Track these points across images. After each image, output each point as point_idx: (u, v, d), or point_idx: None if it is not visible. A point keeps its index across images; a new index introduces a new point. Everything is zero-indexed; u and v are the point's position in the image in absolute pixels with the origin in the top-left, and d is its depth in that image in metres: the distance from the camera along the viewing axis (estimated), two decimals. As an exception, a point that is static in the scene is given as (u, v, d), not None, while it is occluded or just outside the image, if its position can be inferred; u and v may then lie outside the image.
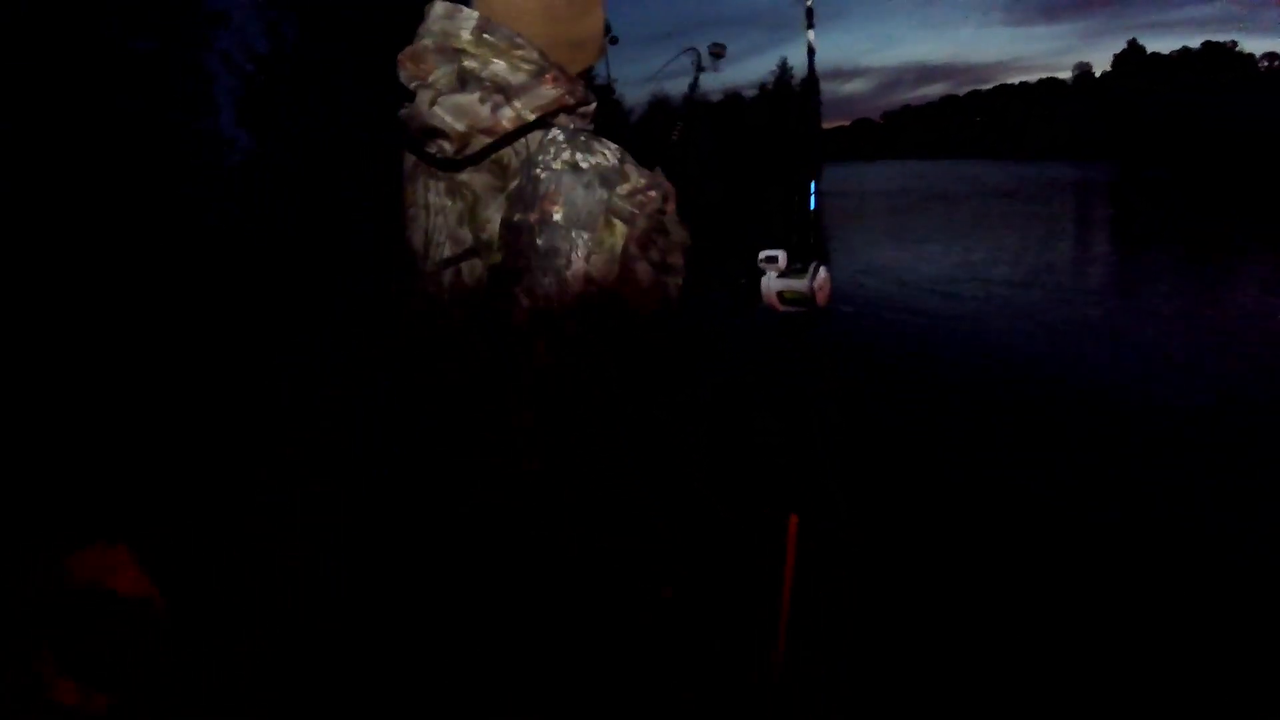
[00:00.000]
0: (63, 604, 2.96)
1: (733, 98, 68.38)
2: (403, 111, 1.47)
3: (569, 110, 1.51)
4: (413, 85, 1.47)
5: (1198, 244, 18.65)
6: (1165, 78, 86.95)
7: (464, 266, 1.58)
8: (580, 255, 1.49)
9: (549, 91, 1.45)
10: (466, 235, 1.56)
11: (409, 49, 1.49)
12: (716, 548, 3.70)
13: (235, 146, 17.83)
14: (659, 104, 51.04)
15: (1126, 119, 75.10)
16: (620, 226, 1.49)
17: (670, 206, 1.56)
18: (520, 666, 1.96)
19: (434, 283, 1.64)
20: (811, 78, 2.17)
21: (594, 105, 1.58)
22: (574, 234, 1.47)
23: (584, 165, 1.45)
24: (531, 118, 1.43)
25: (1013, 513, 4.81)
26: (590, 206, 1.47)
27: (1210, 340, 8.88)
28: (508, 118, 1.41)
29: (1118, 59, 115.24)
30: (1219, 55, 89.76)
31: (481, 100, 1.40)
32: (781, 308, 2.04)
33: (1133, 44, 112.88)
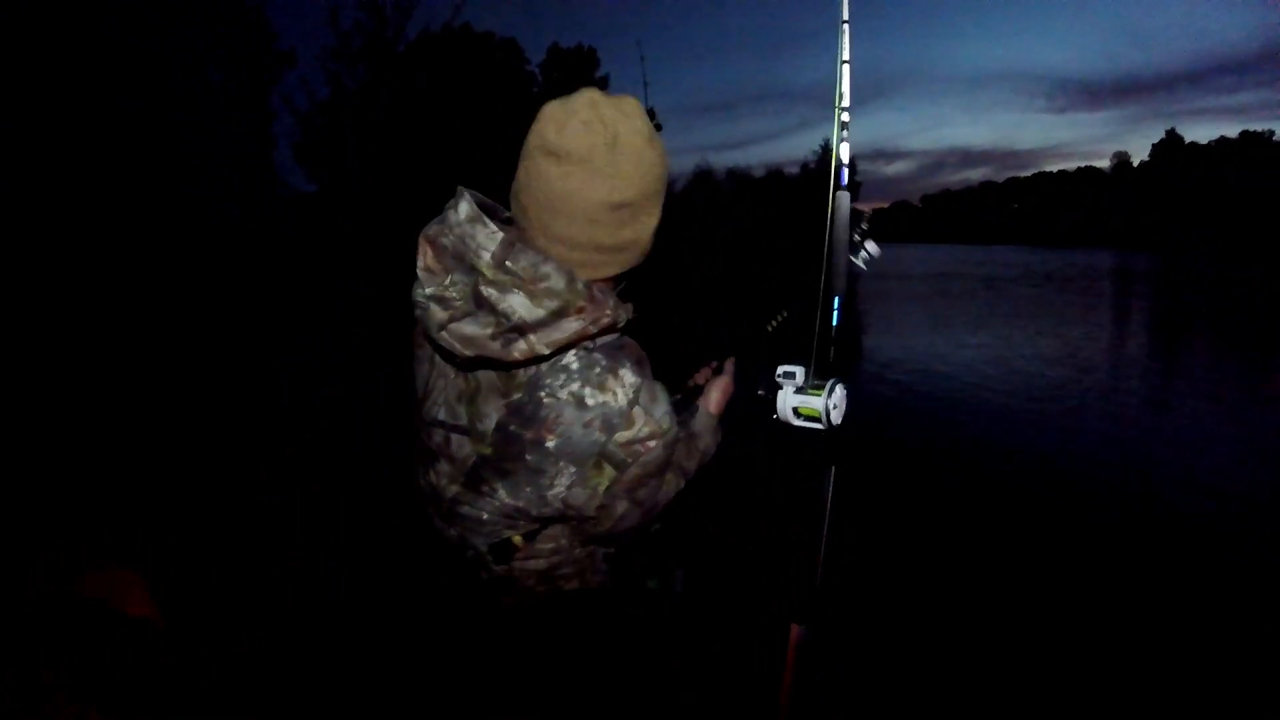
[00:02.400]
0: (70, 621, 2.94)
1: (775, 175, 69.07)
2: (416, 311, 1.43)
3: (590, 338, 1.45)
4: (425, 283, 1.41)
5: (1232, 337, 18.49)
6: (1203, 167, 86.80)
7: (453, 437, 1.58)
8: (563, 484, 1.49)
9: (570, 326, 1.37)
10: (463, 415, 1.56)
11: (429, 233, 1.43)
12: (718, 654, 3.60)
13: (288, 184, 18.37)
14: (703, 175, 51.78)
15: (1166, 209, 75.09)
16: (610, 470, 1.49)
17: (668, 454, 1.55)
18: (519, 666, 1.92)
19: (424, 429, 1.66)
20: (835, 203, 2.09)
21: (624, 320, 1.50)
22: (563, 464, 1.47)
23: (589, 403, 1.42)
24: (545, 352, 1.37)
25: (1022, 624, 4.70)
26: (585, 447, 1.45)
27: (1242, 450, 8.70)
28: (520, 351, 1.36)
29: (1156, 148, 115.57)
30: (1256, 144, 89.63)
31: (493, 336, 1.35)
32: (796, 423, 2.00)
33: (1170, 133, 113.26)
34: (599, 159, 1.35)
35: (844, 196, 2.00)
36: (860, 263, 2.09)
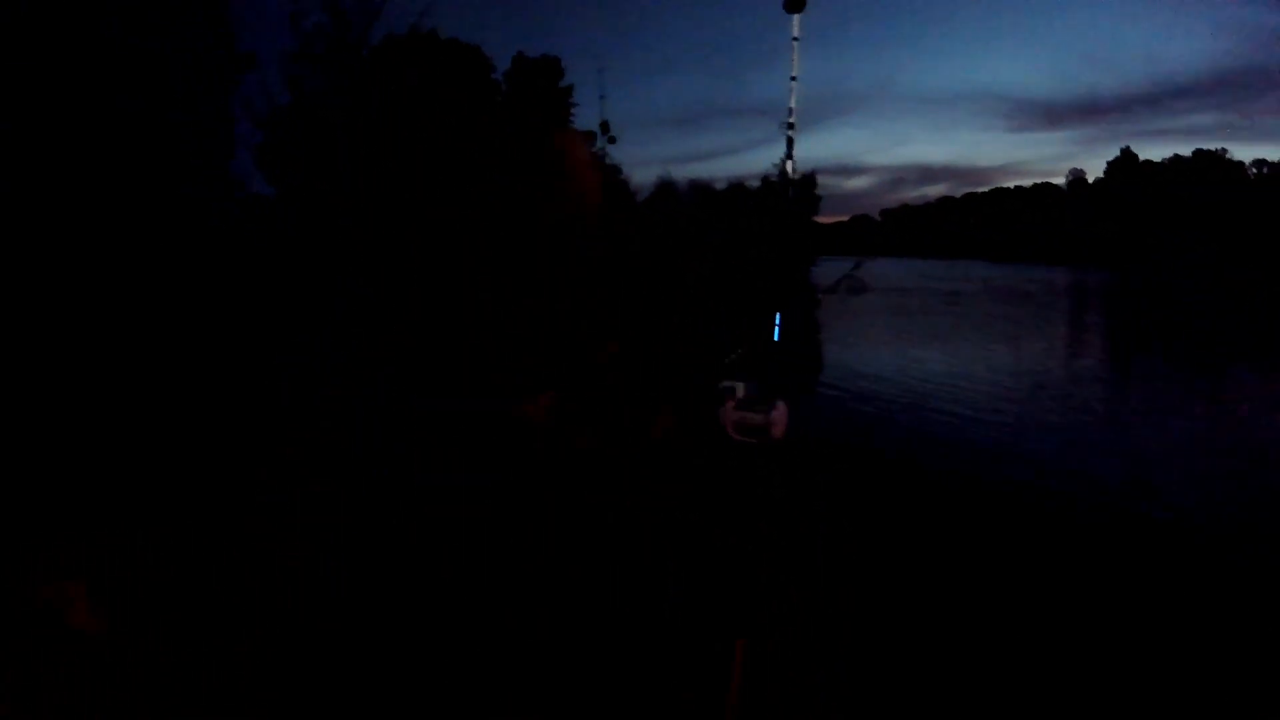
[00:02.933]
0: (13, 631, 2.96)
1: (736, 188, 69.39)
2: None
3: None
4: None
5: (1186, 352, 18.89)
6: (1157, 184, 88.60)
7: None
8: None
9: None
10: None
11: None
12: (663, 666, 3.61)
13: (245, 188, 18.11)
14: (665, 187, 51.86)
15: (1120, 224, 76.54)
16: None
17: None
18: (519, 666, 1.92)
19: None
20: (786, 223, 2.13)
21: None
22: None
23: None
24: None
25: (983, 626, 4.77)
26: None
27: (1194, 456, 8.94)
28: None
29: (1111, 165, 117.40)
30: (1209, 162, 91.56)
31: None
32: (736, 438, 2.02)
33: (1126, 151, 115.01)
34: None
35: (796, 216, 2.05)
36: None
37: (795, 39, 2.19)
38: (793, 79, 2.20)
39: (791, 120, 2.16)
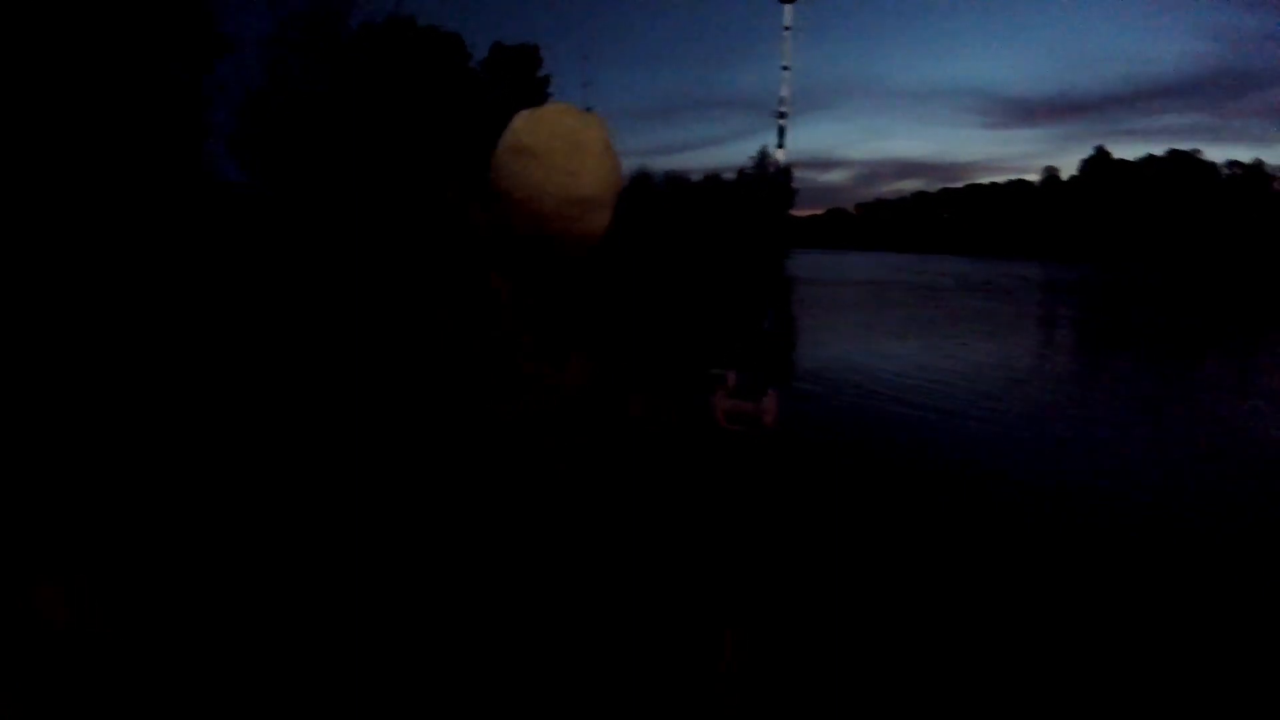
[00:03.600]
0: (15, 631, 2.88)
1: (712, 179, 69.51)
2: None
3: None
4: None
5: (1156, 347, 19.15)
6: (1131, 182, 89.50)
7: None
8: None
9: None
10: None
11: None
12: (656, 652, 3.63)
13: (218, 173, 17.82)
14: (641, 179, 51.87)
15: (1093, 221, 77.18)
16: None
17: None
18: (520, 666, 1.91)
19: None
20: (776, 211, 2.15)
21: None
22: None
23: None
24: None
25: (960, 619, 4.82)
26: None
27: (1162, 449, 9.09)
28: None
29: (1085, 164, 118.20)
30: (1183, 163, 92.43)
31: None
32: (727, 426, 2.03)
33: (1100, 150, 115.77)
34: (560, 157, 1.49)
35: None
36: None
37: (787, 28, 2.19)
38: (784, 68, 2.20)
39: (783, 110, 2.17)
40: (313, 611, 3.94)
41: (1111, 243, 70.12)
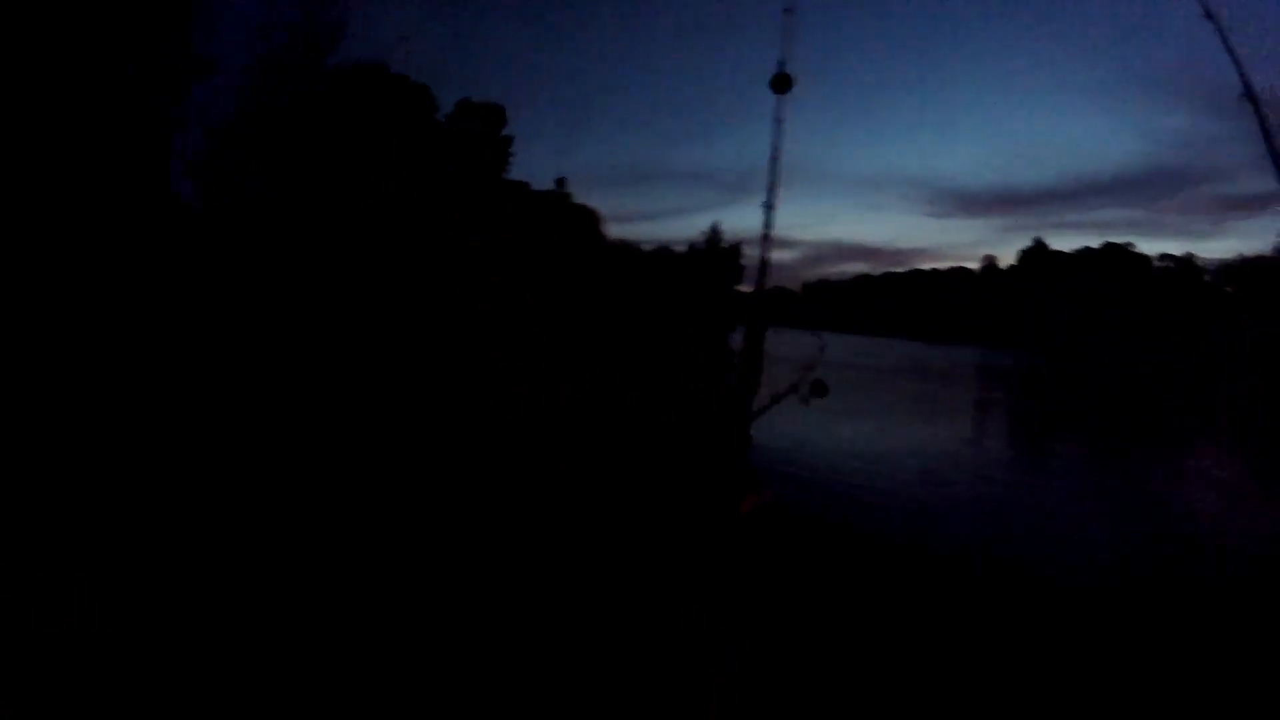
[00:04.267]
0: (16, 632, 2.92)
1: (663, 250, 70.07)
2: None
3: None
4: None
5: (1093, 434, 19.67)
6: (1065, 274, 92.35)
7: None
8: None
9: None
10: None
11: None
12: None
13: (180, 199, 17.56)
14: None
15: (1029, 310, 79.35)
16: None
17: None
18: (519, 665, 1.96)
19: None
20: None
21: None
22: None
23: None
24: None
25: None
26: None
27: (1091, 518, 9.52)
28: None
29: (1024, 254, 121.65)
30: (1117, 255, 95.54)
31: None
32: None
33: (1038, 241, 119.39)
34: None
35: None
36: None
37: (779, 120, 2.30)
38: (773, 160, 2.31)
39: (770, 202, 2.29)
40: (312, 611, 3.97)
41: (1047, 330, 72.03)
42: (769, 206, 2.26)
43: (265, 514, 5.17)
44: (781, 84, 2.32)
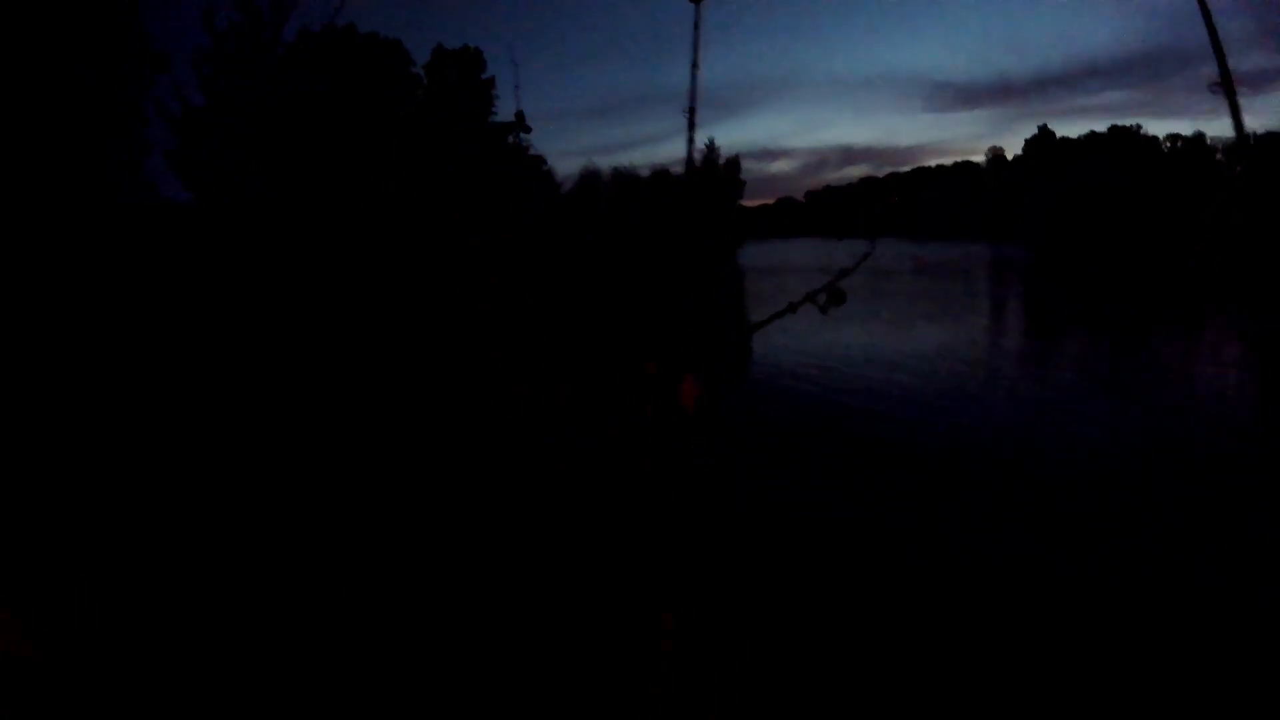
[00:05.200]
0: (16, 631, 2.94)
1: (660, 174, 69.10)
2: None
3: None
4: None
5: (1099, 323, 19.56)
6: (1073, 160, 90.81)
7: None
8: None
9: None
10: None
11: None
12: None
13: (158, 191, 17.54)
14: (589, 176, 51.52)
15: (1038, 201, 78.23)
16: None
17: None
18: (519, 665, 2.03)
19: None
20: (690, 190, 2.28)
21: None
22: None
23: None
24: None
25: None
26: None
27: (1104, 408, 9.73)
28: None
29: (1029, 143, 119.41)
30: (1125, 138, 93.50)
31: None
32: (650, 414, 2.17)
33: (1043, 129, 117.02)
34: None
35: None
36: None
37: (696, 27, 2.27)
38: (694, 67, 2.29)
39: (692, 106, 2.29)
40: (311, 610, 3.97)
41: (1056, 220, 71.10)
42: (691, 112, 2.26)
43: (265, 513, 5.19)
44: (696, -9, 2.33)
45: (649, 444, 2.57)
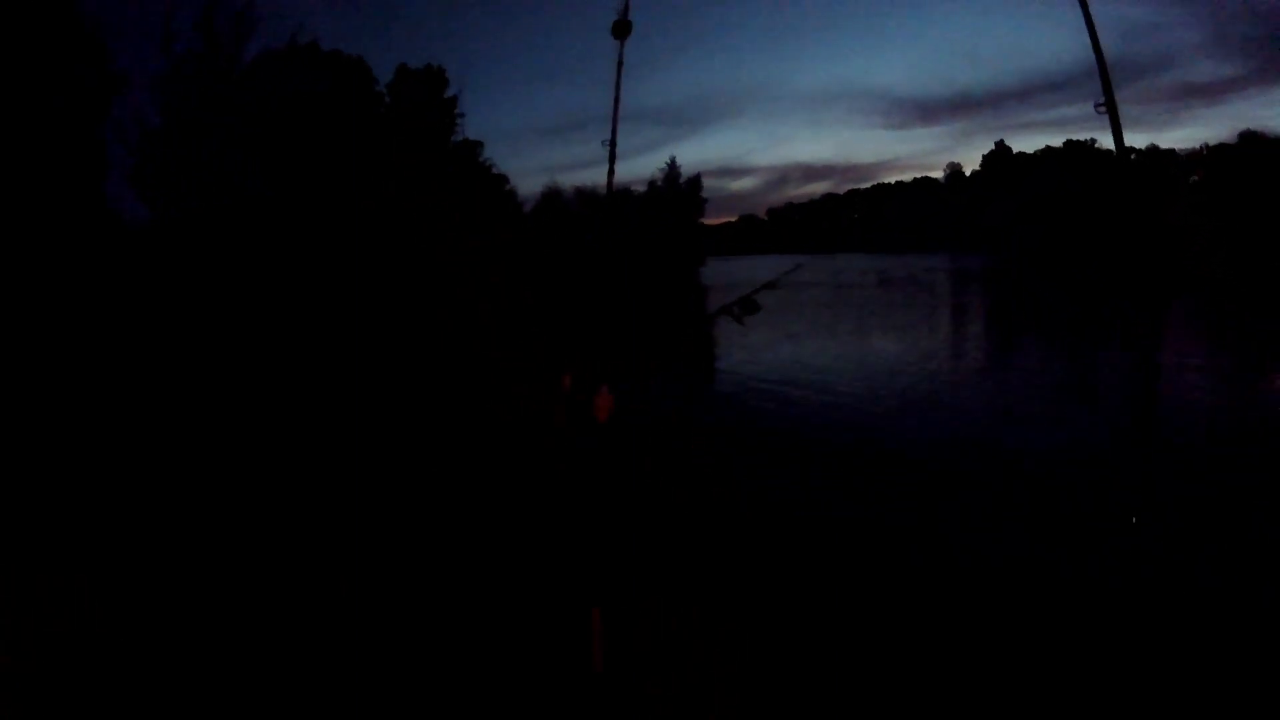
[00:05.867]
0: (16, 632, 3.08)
1: (622, 193, 69.18)
2: None
3: None
4: None
5: (1061, 327, 20.02)
6: (1028, 174, 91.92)
7: None
8: None
9: None
10: None
11: None
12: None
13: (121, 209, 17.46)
14: (551, 195, 51.53)
15: (995, 213, 79.28)
16: None
17: None
18: (519, 665, 2.20)
19: None
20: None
21: None
22: None
23: None
24: None
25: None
26: None
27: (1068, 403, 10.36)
28: None
29: (986, 158, 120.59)
30: (1080, 151, 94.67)
31: None
32: (563, 424, 2.42)
33: (1000, 144, 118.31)
34: None
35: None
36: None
37: (619, 63, 2.48)
38: (615, 99, 2.50)
39: (614, 139, 2.52)
40: (311, 609, 4.04)
41: (1013, 231, 72.14)
42: (611, 144, 2.53)
43: (266, 514, 5.32)
44: (621, 30, 2.53)
45: (560, 449, 2.77)
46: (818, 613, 4.51)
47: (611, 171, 2.46)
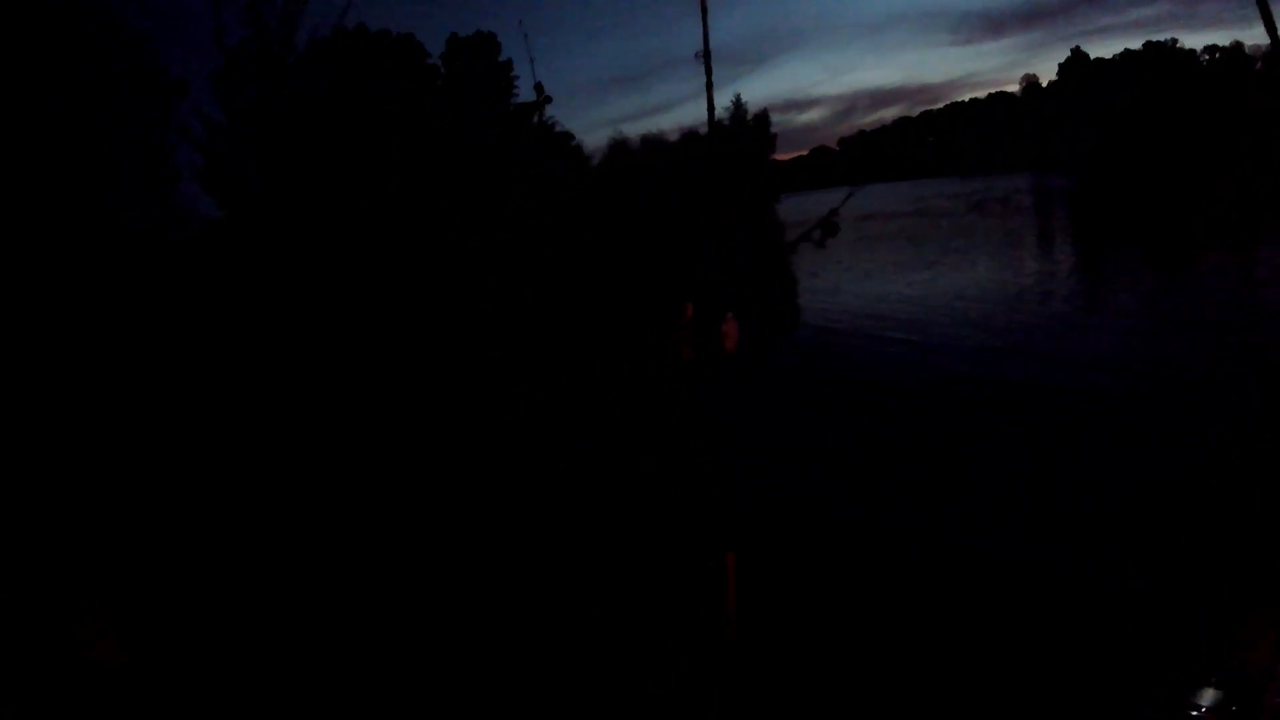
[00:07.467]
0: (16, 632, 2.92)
1: (689, 137, 68.62)
2: None
3: None
4: None
5: (1150, 248, 19.05)
6: (1110, 82, 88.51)
7: None
8: None
9: None
10: None
11: None
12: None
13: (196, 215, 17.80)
14: (618, 146, 51.30)
15: (1075, 126, 76.80)
16: None
17: None
18: (519, 666, 2.02)
19: None
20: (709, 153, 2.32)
21: None
22: None
23: None
24: None
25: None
26: None
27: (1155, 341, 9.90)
28: None
29: (1063, 67, 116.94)
30: (1161, 54, 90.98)
31: None
32: (688, 354, 2.18)
33: (1076, 51, 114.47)
34: None
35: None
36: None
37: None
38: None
39: (705, 46, 2.26)
40: (311, 611, 3.92)
41: (1096, 146, 69.56)
42: (706, 54, 2.23)
43: (265, 514, 5.25)
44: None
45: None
46: (818, 613, 4.55)
47: (711, 101, 2.19)
